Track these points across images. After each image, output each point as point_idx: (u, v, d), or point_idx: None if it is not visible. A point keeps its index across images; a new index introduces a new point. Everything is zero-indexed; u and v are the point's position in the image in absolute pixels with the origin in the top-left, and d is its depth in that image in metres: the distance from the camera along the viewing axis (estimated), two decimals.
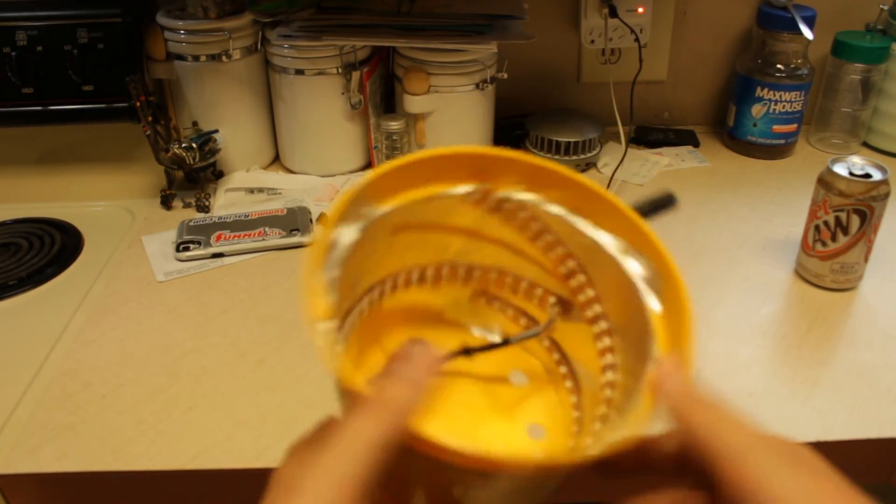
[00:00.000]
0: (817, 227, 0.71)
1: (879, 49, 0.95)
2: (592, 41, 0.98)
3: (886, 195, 0.67)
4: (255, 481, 0.55)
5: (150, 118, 0.84)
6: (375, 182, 0.34)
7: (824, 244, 0.70)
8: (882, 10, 0.98)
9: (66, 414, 0.58)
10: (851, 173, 0.67)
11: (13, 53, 0.83)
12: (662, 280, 0.33)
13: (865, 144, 1.03)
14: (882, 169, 0.67)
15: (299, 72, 0.89)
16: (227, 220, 0.82)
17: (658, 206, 0.40)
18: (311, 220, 0.83)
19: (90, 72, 0.84)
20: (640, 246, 0.34)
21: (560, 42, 1.02)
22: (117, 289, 0.74)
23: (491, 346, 0.40)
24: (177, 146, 0.85)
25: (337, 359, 0.28)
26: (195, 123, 0.91)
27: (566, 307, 0.38)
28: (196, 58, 0.88)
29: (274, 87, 0.93)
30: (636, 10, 0.96)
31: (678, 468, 0.32)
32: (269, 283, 0.74)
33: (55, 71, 0.84)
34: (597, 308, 0.36)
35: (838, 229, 0.69)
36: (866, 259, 0.71)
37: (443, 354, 0.34)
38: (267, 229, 0.80)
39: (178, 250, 0.78)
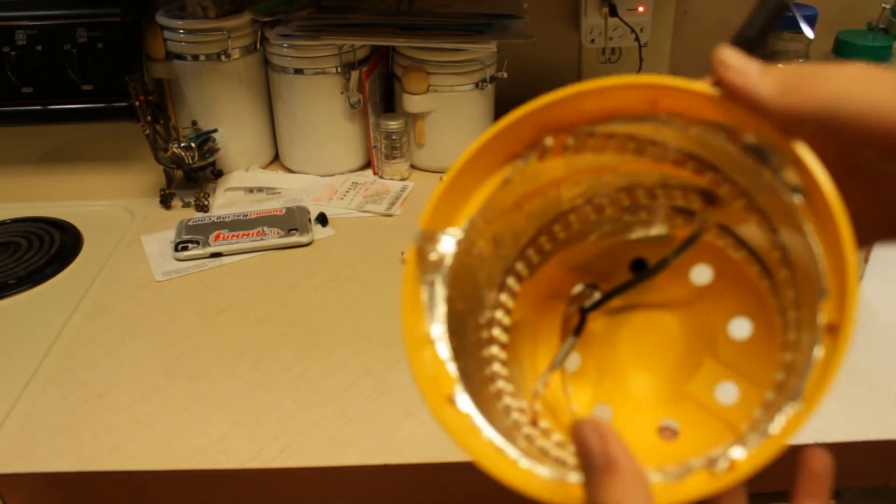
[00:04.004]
0: None
1: (882, 48, 0.95)
2: (592, 40, 0.98)
3: None
4: (250, 482, 0.55)
5: (149, 117, 0.84)
6: (434, 212, 0.30)
7: None
8: (884, 8, 0.97)
9: (62, 413, 0.59)
10: None
11: (13, 53, 0.83)
12: (792, 165, 0.27)
13: None
14: None
15: (298, 71, 0.89)
16: (226, 220, 0.82)
17: (768, 23, 0.30)
18: (309, 220, 0.83)
19: (89, 71, 0.85)
20: (749, 128, 0.27)
21: (560, 41, 1.02)
22: (116, 288, 0.74)
23: (659, 267, 0.34)
24: (176, 145, 0.85)
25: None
26: (194, 123, 0.91)
27: (711, 198, 0.32)
28: (195, 57, 0.88)
29: (273, 86, 0.93)
30: (636, 10, 0.96)
31: None
32: (267, 283, 0.74)
33: (55, 70, 0.84)
34: (742, 201, 0.30)
35: None
36: (866, 260, 0.71)
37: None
38: (265, 229, 0.80)
39: (176, 250, 0.78)
